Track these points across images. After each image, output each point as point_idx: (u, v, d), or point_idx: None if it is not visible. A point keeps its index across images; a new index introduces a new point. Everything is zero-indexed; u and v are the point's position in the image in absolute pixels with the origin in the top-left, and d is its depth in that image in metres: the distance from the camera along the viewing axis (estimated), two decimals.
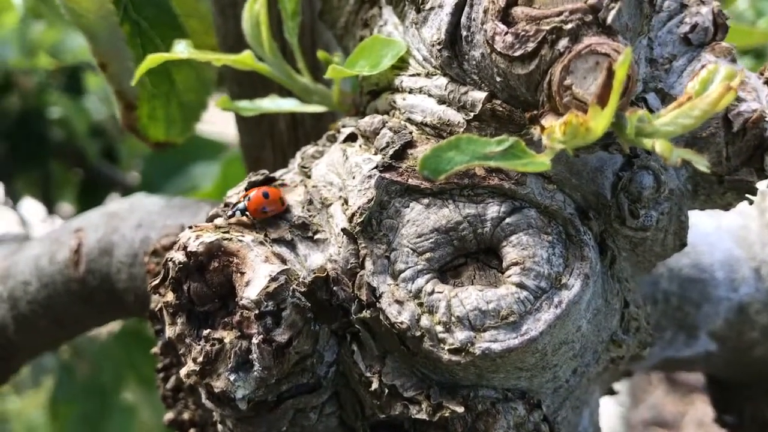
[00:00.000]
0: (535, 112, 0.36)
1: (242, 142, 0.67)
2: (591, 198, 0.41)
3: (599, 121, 0.32)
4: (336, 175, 0.44)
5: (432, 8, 0.41)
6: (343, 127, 0.47)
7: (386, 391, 0.41)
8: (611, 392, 0.66)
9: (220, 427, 0.46)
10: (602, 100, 0.31)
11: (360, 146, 0.44)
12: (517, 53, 0.36)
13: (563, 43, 0.35)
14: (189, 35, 0.61)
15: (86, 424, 1.60)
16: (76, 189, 1.92)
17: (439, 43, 0.40)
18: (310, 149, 0.48)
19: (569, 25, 0.35)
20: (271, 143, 0.64)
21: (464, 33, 0.40)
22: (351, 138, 0.46)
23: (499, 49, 0.37)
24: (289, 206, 0.43)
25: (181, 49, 0.51)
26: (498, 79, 0.38)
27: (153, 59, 0.50)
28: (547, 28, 0.35)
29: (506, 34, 0.36)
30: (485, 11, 0.37)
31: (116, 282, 0.58)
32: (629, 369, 0.67)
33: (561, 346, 0.41)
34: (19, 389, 2.00)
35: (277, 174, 0.47)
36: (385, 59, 0.45)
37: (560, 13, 0.35)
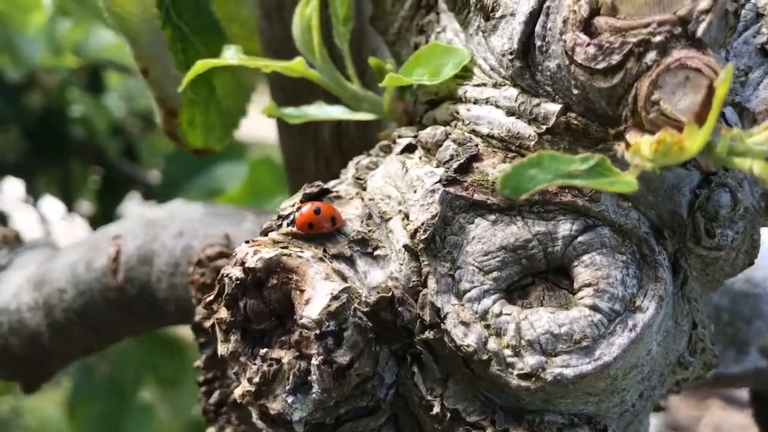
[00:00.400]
0: (620, 128, 0.34)
1: (284, 148, 0.66)
2: (666, 216, 0.40)
3: (695, 141, 0.30)
4: (394, 188, 0.42)
5: (503, 16, 0.39)
6: (399, 137, 0.46)
7: (448, 415, 0.39)
8: (659, 408, 0.65)
9: None
10: (700, 118, 0.30)
11: (420, 158, 0.42)
12: (600, 66, 0.34)
13: (651, 56, 0.33)
14: (230, 40, 0.60)
15: (104, 422, 1.59)
16: (95, 187, 1.91)
17: (510, 53, 0.39)
18: (364, 160, 0.47)
19: (657, 38, 0.33)
20: (314, 151, 0.62)
21: (539, 43, 0.38)
22: (408, 149, 0.44)
23: (579, 61, 0.35)
24: (344, 222, 0.42)
25: (231, 55, 0.49)
26: (575, 91, 0.37)
27: (201, 65, 0.48)
28: (634, 40, 0.33)
29: (588, 45, 0.34)
30: (564, 21, 0.35)
31: (156, 291, 0.57)
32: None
33: (631, 370, 0.39)
34: None
35: (330, 185, 0.46)
36: (447, 68, 0.43)
37: (647, 25, 0.33)
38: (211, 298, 0.40)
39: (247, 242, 0.40)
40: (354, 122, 0.62)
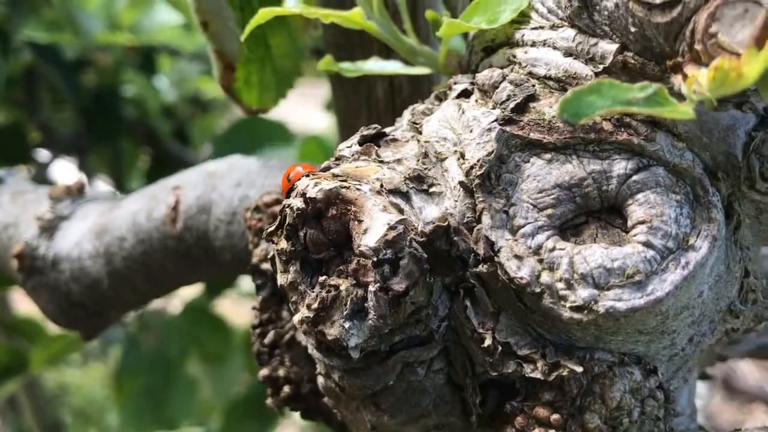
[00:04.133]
0: (679, 59, 0.34)
1: (338, 108, 0.67)
2: (720, 158, 0.40)
3: (753, 66, 0.30)
4: (450, 130, 0.43)
5: None
6: (455, 84, 0.47)
7: (499, 348, 0.40)
8: (706, 376, 0.65)
9: (321, 381, 0.46)
10: (760, 42, 0.30)
11: (476, 101, 0.43)
12: (658, 0, 0.35)
13: None
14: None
15: (150, 396, 1.62)
16: (145, 167, 1.95)
17: None
18: (419, 107, 0.48)
19: None
20: (367, 109, 0.64)
21: None
22: (464, 94, 0.45)
23: None
24: (402, 159, 0.43)
25: (293, 4, 0.50)
26: (632, 29, 0.37)
27: (264, 13, 0.50)
28: None
29: None
30: None
31: (213, 240, 0.58)
32: (724, 354, 0.65)
33: (682, 311, 0.39)
34: (87, 359, 2.04)
35: (387, 130, 0.47)
36: (504, 14, 0.44)
37: None
38: (273, 228, 0.41)
39: (307, 176, 0.41)
40: (407, 81, 0.64)
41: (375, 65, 0.56)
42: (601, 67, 0.39)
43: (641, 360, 0.41)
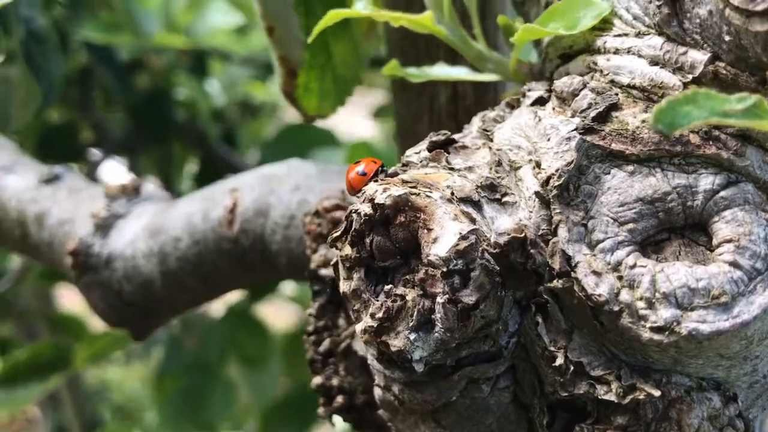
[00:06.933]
0: None
1: (399, 114, 0.66)
2: None
3: None
4: (524, 138, 0.42)
5: None
6: (529, 91, 0.45)
7: (572, 367, 0.38)
8: None
9: (378, 392, 0.45)
10: None
11: (553, 109, 0.42)
12: (759, 7, 0.33)
13: None
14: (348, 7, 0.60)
15: (190, 397, 1.62)
16: (193, 170, 1.96)
17: (658, 0, 0.38)
18: (490, 113, 0.46)
19: None
20: (429, 116, 0.62)
21: None
22: (540, 101, 0.44)
23: (736, 4, 0.34)
24: (473, 167, 0.41)
25: (362, 7, 0.49)
26: (727, 38, 0.35)
27: (333, 15, 0.49)
28: None
29: None
30: None
31: (270, 243, 0.57)
32: None
33: (767, 336, 0.37)
34: (129, 358, 2.06)
35: (456, 136, 0.45)
36: (585, 20, 0.42)
37: None
38: (338, 234, 0.40)
39: (376, 181, 0.40)
40: (471, 88, 0.62)
41: (441, 71, 0.55)
42: (690, 77, 0.37)
43: (721, 386, 0.39)
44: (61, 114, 1.69)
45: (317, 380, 0.52)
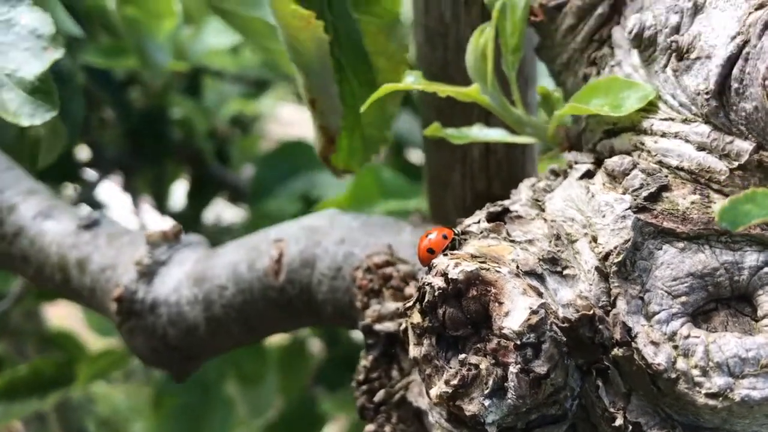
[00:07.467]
0: None
1: (430, 163, 0.69)
2: None
3: None
4: (577, 212, 0.45)
5: (698, 58, 0.42)
6: (576, 163, 0.49)
7: (630, 427, 0.41)
8: None
9: None
10: None
11: (604, 184, 0.45)
12: None
13: None
14: (377, 72, 0.64)
15: (188, 414, 1.64)
16: (184, 187, 1.97)
17: (706, 93, 0.41)
18: (539, 183, 0.50)
19: None
20: (461, 168, 0.66)
21: (735, 85, 0.40)
22: (588, 175, 0.47)
23: None
24: (533, 240, 0.45)
25: (412, 80, 0.53)
26: None
27: (386, 88, 0.52)
28: None
29: None
30: None
31: (316, 293, 0.60)
32: None
33: None
34: (129, 378, 2.06)
35: (507, 203, 0.49)
36: (630, 101, 0.46)
37: None
38: (410, 304, 0.43)
39: (446, 255, 0.44)
40: (503, 143, 0.66)
41: (480, 132, 0.58)
42: (736, 164, 0.41)
43: None
44: None
45: (370, 428, 0.55)
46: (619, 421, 0.41)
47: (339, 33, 0.61)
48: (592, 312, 0.41)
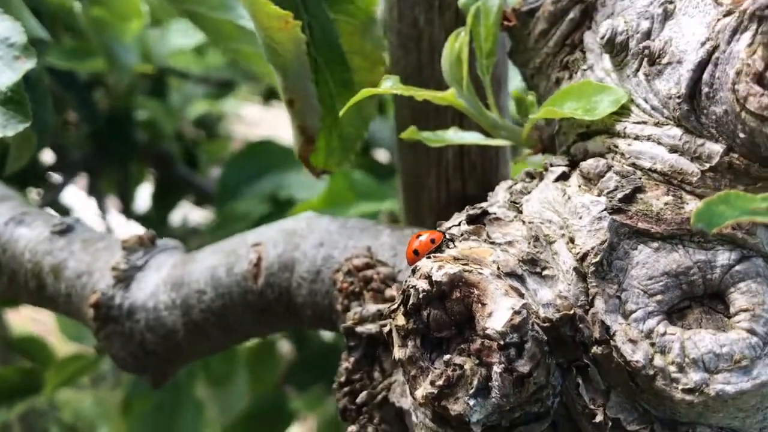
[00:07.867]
0: None
1: (405, 167, 0.70)
2: None
3: None
4: (554, 213, 0.46)
5: (669, 63, 0.44)
6: (552, 166, 0.50)
7: (610, 423, 0.43)
8: None
9: None
10: None
11: (579, 186, 0.46)
12: None
13: None
14: (353, 71, 0.64)
15: (159, 416, 1.63)
16: (151, 189, 1.96)
17: (678, 97, 0.43)
18: (516, 186, 0.51)
19: None
20: (437, 170, 0.67)
21: (705, 89, 0.42)
22: (563, 177, 0.48)
23: (752, 110, 0.39)
24: (513, 242, 0.46)
25: (390, 84, 0.53)
26: (741, 135, 0.41)
27: (365, 92, 0.53)
28: None
29: (762, 95, 0.38)
30: (738, 73, 0.40)
31: (296, 296, 0.61)
32: None
33: None
34: (97, 384, 2.04)
35: (484, 205, 0.50)
36: (603, 105, 0.47)
37: None
38: (394, 307, 0.44)
39: (429, 258, 0.44)
40: (477, 146, 0.67)
41: (455, 135, 0.59)
42: (708, 165, 0.43)
43: None
44: None
45: (352, 429, 0.55)
46: (599, 417, 0.43)
47: (315, 33, 0.62)
48: (573, 311, 0.42)
